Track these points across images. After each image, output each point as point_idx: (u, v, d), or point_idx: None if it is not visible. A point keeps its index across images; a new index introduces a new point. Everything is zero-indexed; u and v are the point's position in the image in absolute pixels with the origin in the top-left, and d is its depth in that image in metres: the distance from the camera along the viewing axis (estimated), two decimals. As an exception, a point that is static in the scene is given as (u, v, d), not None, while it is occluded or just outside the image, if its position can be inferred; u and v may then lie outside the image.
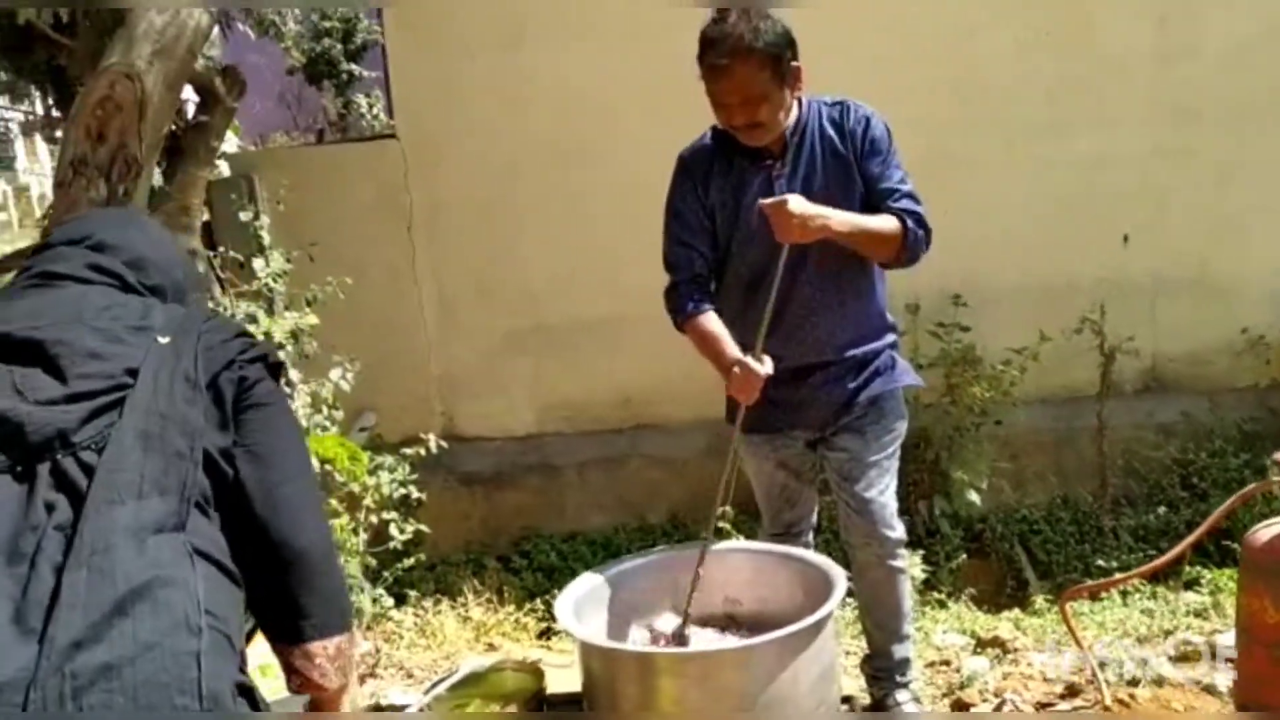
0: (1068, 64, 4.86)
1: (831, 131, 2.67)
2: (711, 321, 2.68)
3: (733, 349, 2.61)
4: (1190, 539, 3.03)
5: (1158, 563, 3.11)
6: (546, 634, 4.10)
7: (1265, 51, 4.84)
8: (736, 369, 2.53)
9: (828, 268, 2.65)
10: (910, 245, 2.64)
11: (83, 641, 1.18)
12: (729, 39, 2.47)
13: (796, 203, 2.48)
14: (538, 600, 4.36)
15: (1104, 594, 4.18)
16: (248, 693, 1.34)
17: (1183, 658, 3.30)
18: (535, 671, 2.64)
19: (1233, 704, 2.90)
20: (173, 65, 3.29)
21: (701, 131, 2.79)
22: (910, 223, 2.63)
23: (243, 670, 1.35)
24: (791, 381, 2.68)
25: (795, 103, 2.66)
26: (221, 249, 4.06)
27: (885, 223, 2.62)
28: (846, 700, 2.86)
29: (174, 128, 3.87)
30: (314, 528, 1.53)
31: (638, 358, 5.02)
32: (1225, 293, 5.03)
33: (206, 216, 4.60)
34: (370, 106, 12.22)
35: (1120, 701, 3.03)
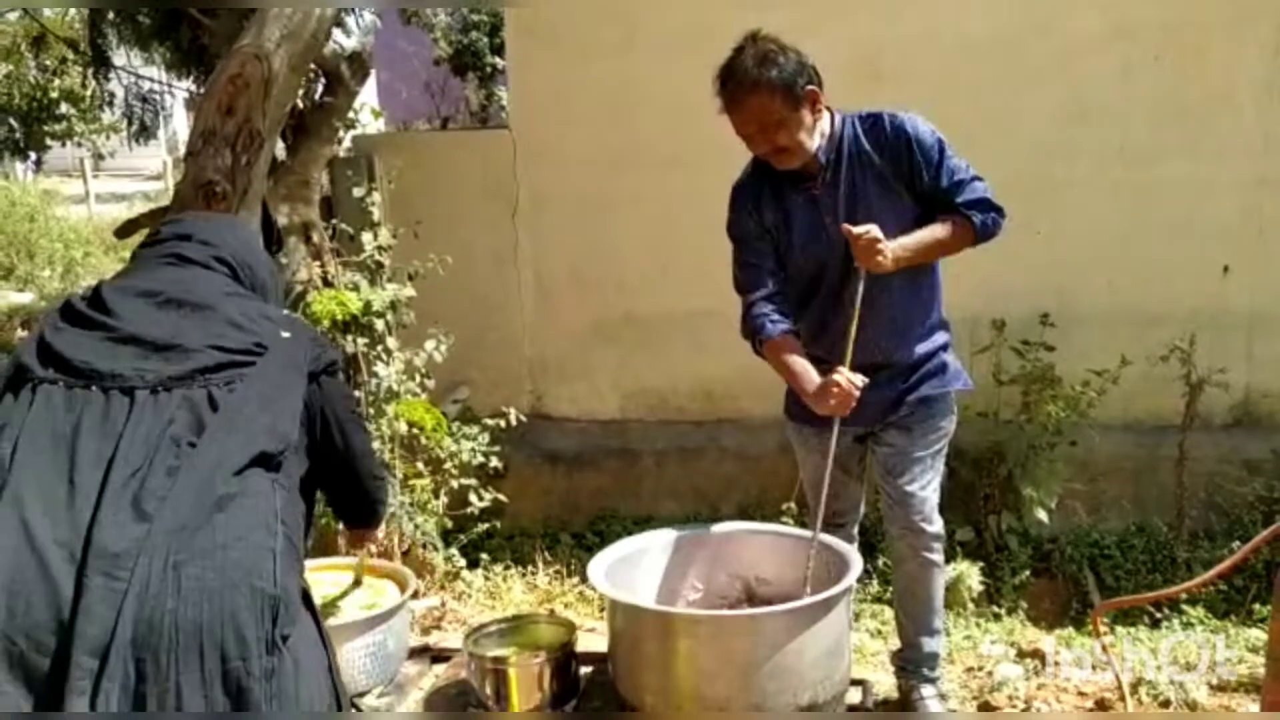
0: (1175, 90, 4.81)
1: (868, 145, 2.75)
2: (790, 347, 2.78)
3: (813, 375, 2.71)
4: (1234, 558, 3.06)
5: (1195, 581, 3.14)
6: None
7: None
8: (833, 386, 2.62)
9: (886, 276, 2.72)
10: (981, 233, 2.74)
11: (186, 527, 1.47)
12: (737, 73, 2.62)
13: (875, 232, 2.59)
14: (604, 577, 4.55)
15: (1166, 621, 4.18)
16: (306, 596, 1.68)
17: (1222, 687, 3.31)
18: (568, 626, 2.84)
19: (1258, 732, 2.91)
20: (298, 48, 3.60)
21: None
22: (976, 215, 2.72)
23: (303, 577, 1.69)
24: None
25: (826, 122, 2.75)
26: (335, 220, 4.37)
27: (948, 230, 2.71)
28: (859, 683, 2.98)
29: (301, 107, 4.20)
30: (371, 470, 2.00)
31: (721, 353, 5.13)
32: (1327, 330, 4.92)
33: (328, 192, 4.96)
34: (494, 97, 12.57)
35: (1145, 718, 3.07)
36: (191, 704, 1.41)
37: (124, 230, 3.99)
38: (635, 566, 2.71)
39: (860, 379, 2.64)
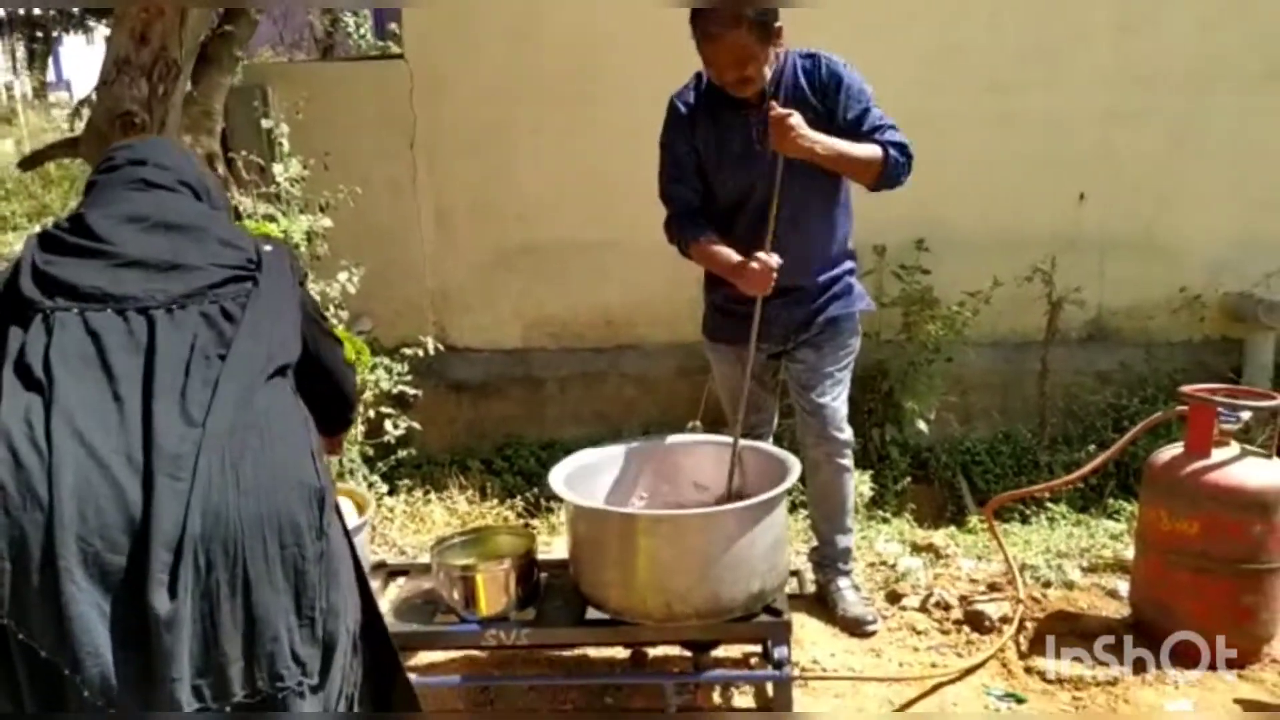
0: (1035, 28, 5.16)
1: (804, 82, 2.96)
2: (715, 241, 2.99)
3: (736, 255, 2.91)
4: (1098, 460, 3.46)
5: (1069, 478, 3.55)
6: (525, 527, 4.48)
7: (1222, 24, 5.17)
8: (753, 263, 2.83)
9: (800, 197, 2.94)
10: (892, 168, 2.93)
11: (235, 428, 1.59)
12: (720, 9, 2.74)
13: (797, 120, 2.77)
14: (517, 498, 4.73)
15: (1034, 518, 4.62)
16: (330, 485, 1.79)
17: (1092, 568, 3.73)
18: (528, 535, 3.01)
19: (1129, 603, 3.32)
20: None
21: (688, 74, 3.06)
22: (893, 150, 2.92)
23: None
24: (761, 301, 2.98)
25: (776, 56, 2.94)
26: (244, 153, 4.32)
27: (867, 150, 2.90)
28: (794, 574, 3.27)
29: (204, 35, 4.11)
30: (346, 373, 2.12)
31: (620, 281, 5.36)
32: (1168, 253, 5.41)
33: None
34: (358, 26, 12.21)
35: (1033, 598, 3.46)
36: (258, 587, 1.54)
37: (28, 163, 3.86)
38: (587, 478, 2.89)
39: (776, 259, 2.83)
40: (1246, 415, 3.03)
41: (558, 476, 2.75)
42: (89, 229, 1.78)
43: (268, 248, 1.86)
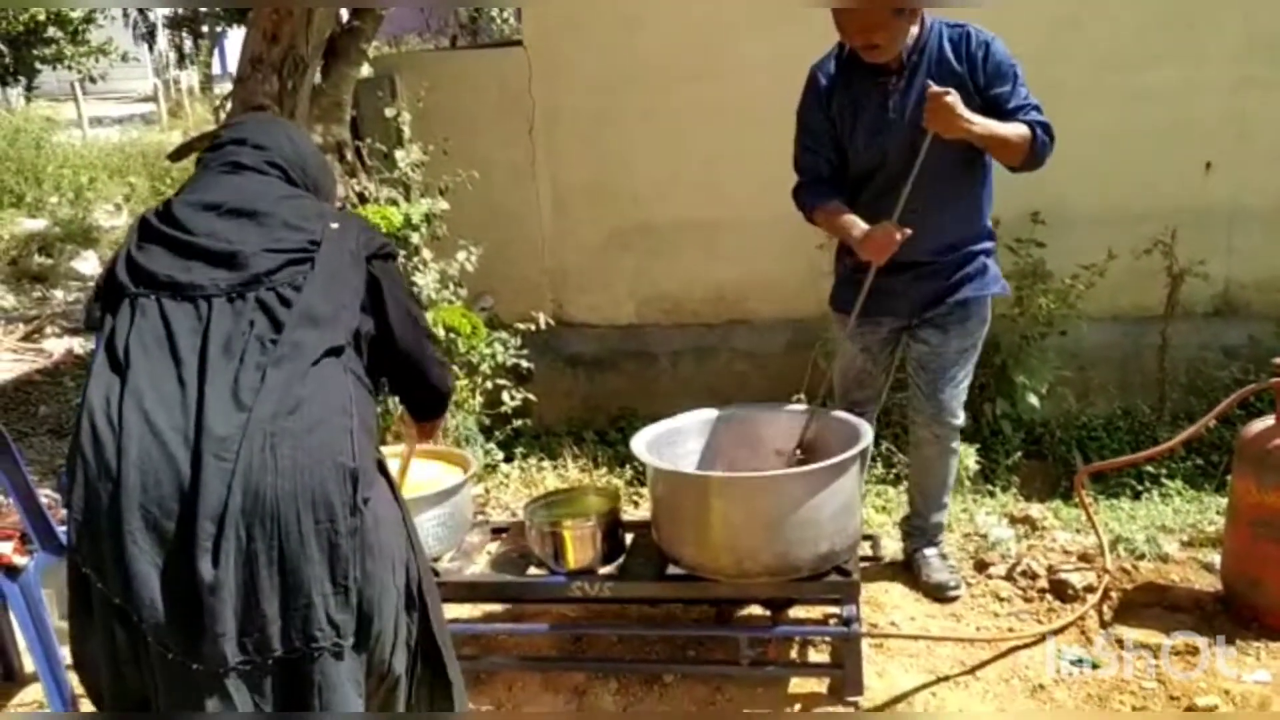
0: (1161, -2, 5.03)
1: (950, 54, 2.96)
2: (839, 206, 3.05)
3: (860, 223, 2.96)
4: (1188, 432, 3.43)
5: (1157, 449, 3.53)
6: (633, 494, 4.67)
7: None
8: (877, 231, 2.88)
9: (942, 172, 2.93)
10: (1038, 150, 2.97)
11: (278, 413, 1.75)
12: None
13: (955, 98, 2.78)
14: (626, 467, 4.92)
15: (1146, 493, 4.55)
16: (380, 466, 1.94)
17: (1191, 543, 3.69)
18: (614, 495, 3.20)
19: (1220, 576, 3.29)
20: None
21: (804, 53, 3.13)
22: (1039, 131, 2.94)
23: (377, 449, 1.96)
24: (890, 273, 3.02)
25: (917, 25, 2.94)
26: (368, 140, 4.63)
27: (1017, 129, 2.92)
28: (869, 538, 3.37)
29: (331, 31, 4.42)
30: (430, 361, 2.18)
31: (731, 258, 5.47)
32: (1305, 222, 5.20)
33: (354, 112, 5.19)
34: (501, 11, 12.49)
35: (1123, 569, 3.46)
36: (294, 557, 1.70)
37: (178, 154, 4.25)
38: (672, 444, 3.05)
39: (902, 230, 2.86)
40: (1341, 387, 2.97)
41: (640, 442, 2.93)
42: (173, 216, 1.95)
43: (334, 225, 1.97)
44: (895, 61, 2.95)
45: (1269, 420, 3.08)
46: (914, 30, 2.93)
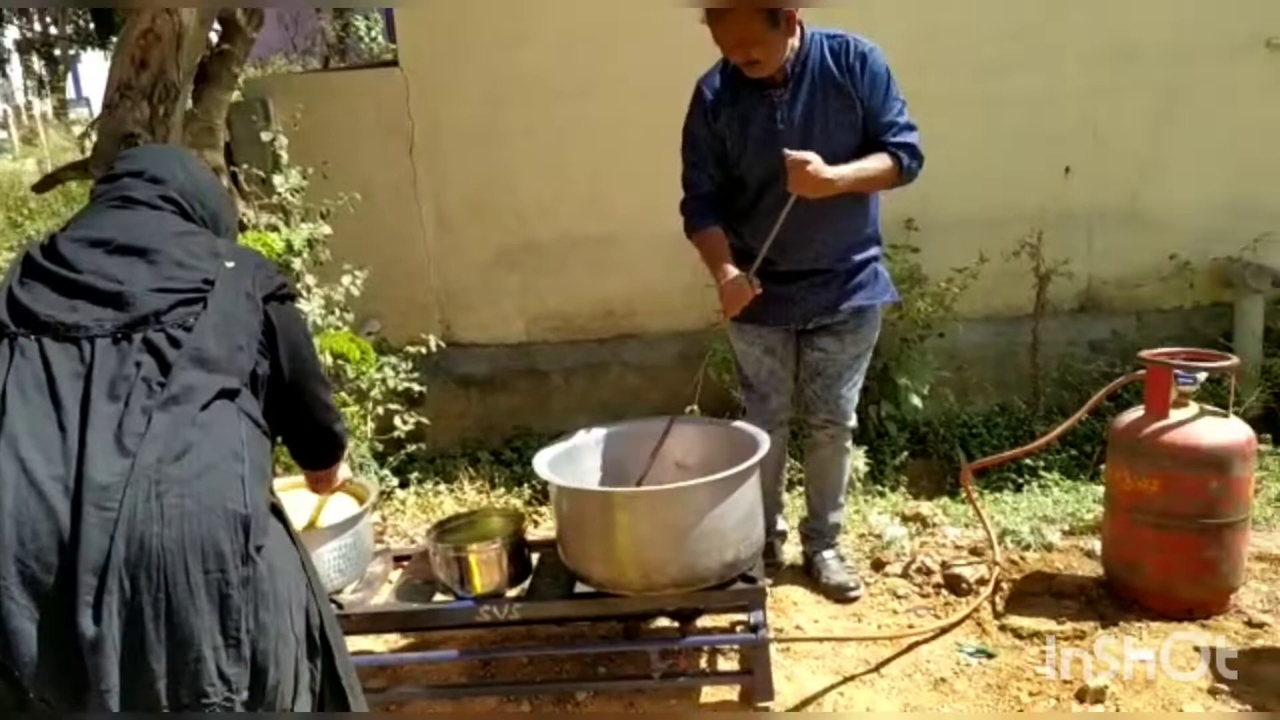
0: (1016, 8, 5.25)
1: (831, 64, 3.03)
2: (716, 238, 3.10)
3: (730, 265, 3.02)
4: (1064, 427, 3.59)
5: (1034, 444, 3.70)
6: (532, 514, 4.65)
7: (1200, -3, 5.26)
8: (731, 285, 2.95)
9: None
10: (905, 176, 3.07)
11: (164, 459, 1.67)
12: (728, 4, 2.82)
13: (816, 164, 2.84)
14: (524, 487, 4.91)
15: (1027, 486, 4.74)
16: (275, 508, 1.88)
17: (1073, 531, 3.86)
18: (517, 516, 3.19)
19: (1101, 562, 3.45)
20: (205, 1, 3.74)
21: (689, 67, 3.15)
22: (904, 157, 3.02)
23: (271, 492, 1.88)
24: (786, 281, 3.11)
25: (796, 36, 3.00)
26: (245, 165, 4.52)
27: (881, 165, 2.99)
28: (770, 545, 3.43)
29: (202, 55, 4.30)
30: (328, 400, 2.15)
31: (619, 273, 5.51)
32: (1156, 222, 5.49)
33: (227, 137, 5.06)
34: (369, 29, 12.34)
35: (1011, 560, 3.60)
36: (181, 611, 1.62)
37: (42, 185, 4.08)
38: (573, 461, 3.06)
39: (756, 286, 2.95)
40: (1202, 376, 3.15)
41: (542, 461, 2.92)
42: (58, 252, 1.86)
43: (230, 264, 1.91)
44: (779, 74, 3.01)
45: (1138, 411, 3.25)
46: (793, 43, 3.00)
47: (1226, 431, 3.10)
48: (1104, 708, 2.76)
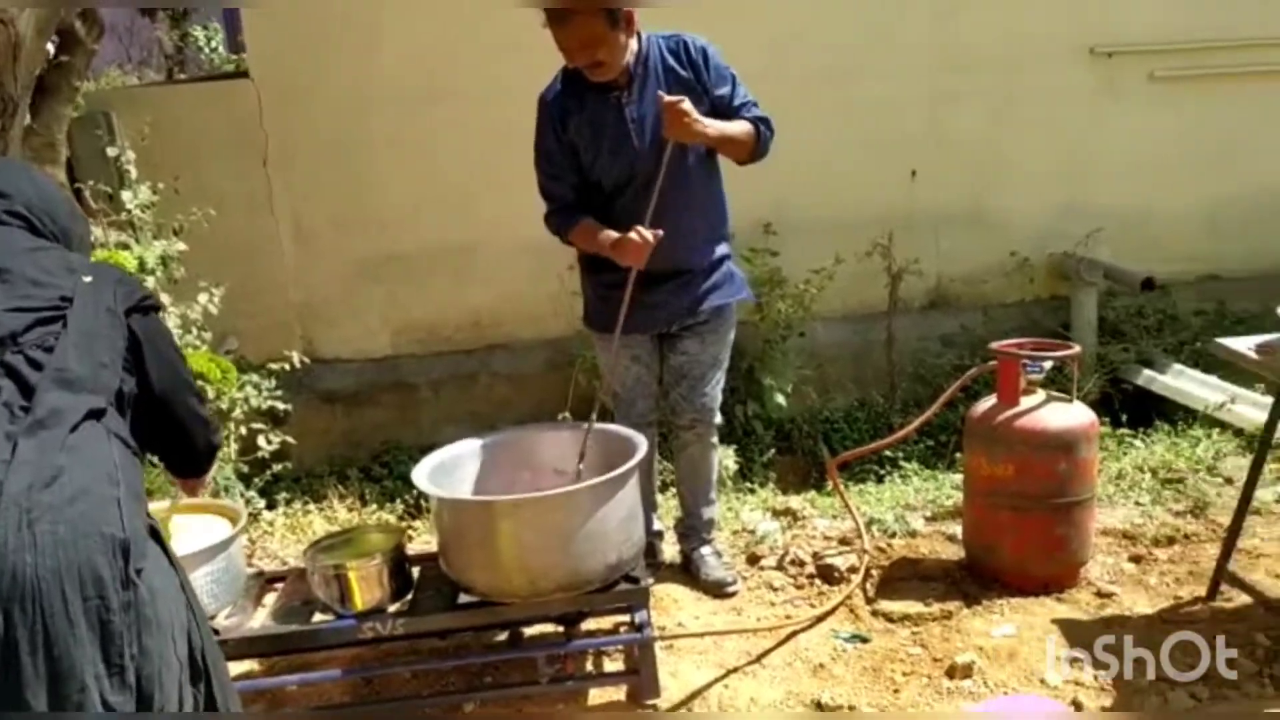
0: (862, 17, 5.47)
1: (672, 62, 3.13)
2: (591, 222, 3.14)
3: (611, 232, 3.06)
4: (922, 418, 3.76)
5: (895, 437, 3.86)
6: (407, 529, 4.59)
7: (1029, 7, 5.57)
8: (632, 235, 2.96)
9: (684, 180, 3.10)
10: (763, 142, 3.18)
11: (34, 486, 1.60)
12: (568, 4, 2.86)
13: (689, 105, 2.93)
14: (397, 502, 4.84)
15: (888, 477, 4.93)
16: (153, 531, 1.81)
17: (935, 517, 4.04)
18: (397, 530, 3.15)
19: (963, 545, 3.63)
20: (43, 12, 3.58)
21: (550, 73, 3.18)
22: (762, 127, 3.16)
23: (148, 515, 1.82)
24: (647, 287, 3.14)
25: (634, 39, 3.08)
26: (91, 182, 4.33)
27: (743, 127, 3.12)
28: (651, 544, 3.49)
29: (40, 68, 4.11)
30: (199, 408, 2.09)
31: (484, 283, 5.50)
32: (997, 222, 5.81)
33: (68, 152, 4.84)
34: (209, 40, 11.95)
35: (879, 548, 3.74)
36: (60, 641, 1.56)
37: None
38: (451, 472, 3.04)
39: (653, 233, 2.98)
40: (1048, 365, 3.35)
41: (420, 472, 2.90)
42: None
43: (87, 279, 1.85)
44: (623, 76, 3.08)
45: (991, 400, 3.43)
46: (633, 44, 3.08)
47: (1072, 416, 3.30)
48: (971, 682, 2.90)
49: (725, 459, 4.84)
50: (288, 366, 4.61)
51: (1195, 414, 5.03)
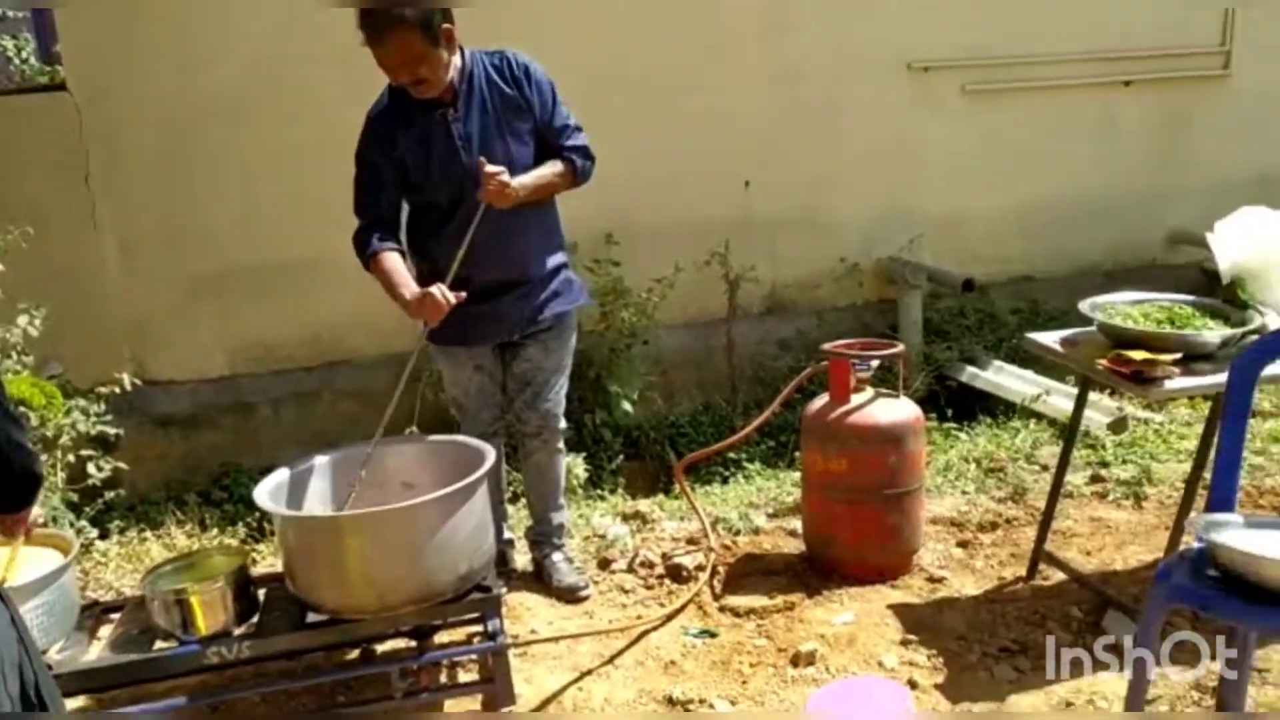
0: (691, 32, 5.62)
1: (496, 78, 3.17)
2: (393, 260, 3.13)
3: (411, 285, 3.07)
4: (759, 419, 3.91)
5: (735, 438, 4.00)
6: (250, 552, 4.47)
7: (851, 24, 5.83)
8: (433, 291, 2.97)
9: None
10: (580, 177, 3.27)
11: None
12: (380, 10, 2.87)
13: (505, 175, 3.00)
14: (239, 525, 4.71)
15: (733, 478, 5.08)
16: None
17: (776, 514, 4.19)
18: (241, 552, 3.09)
19: (803, 539, 3.78)
20: None
21: (380, 84, 3.16)
22: (578, 159, 3.23)
23: None
24: (490, 298, 3.19)
25: (458, 56, 3.11)
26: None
27: (556, 169, 3.20)
28: (502, 552, 3.51)
29: None
30: (17, 442, 1.98)
31: (325, 298, 5.39)
32: (827, 228, 6.04)
33: None
34: (19, 50, 11.33)
35: (724, 546, 3.86)
36: None
37: None
38: (295, 491, 3.00)
39: (453, 295, 3.01)
40: (875, 364, 3.54)
41: (262, 492, 2.86)
42: None
43: None
44: (447, 93, 3.11)
45: (824, 399, 3.59)
46: (456, 61, 3.11)
47: (899, 411, 3.49)
48: (815, 668, 3.04)
49: (575, 467, 4.90)
50: (117, 390, 4.43)
51: (1014, 407, 5.36)
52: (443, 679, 3.09)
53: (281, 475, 3.02)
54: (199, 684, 3.03)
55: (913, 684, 2.97)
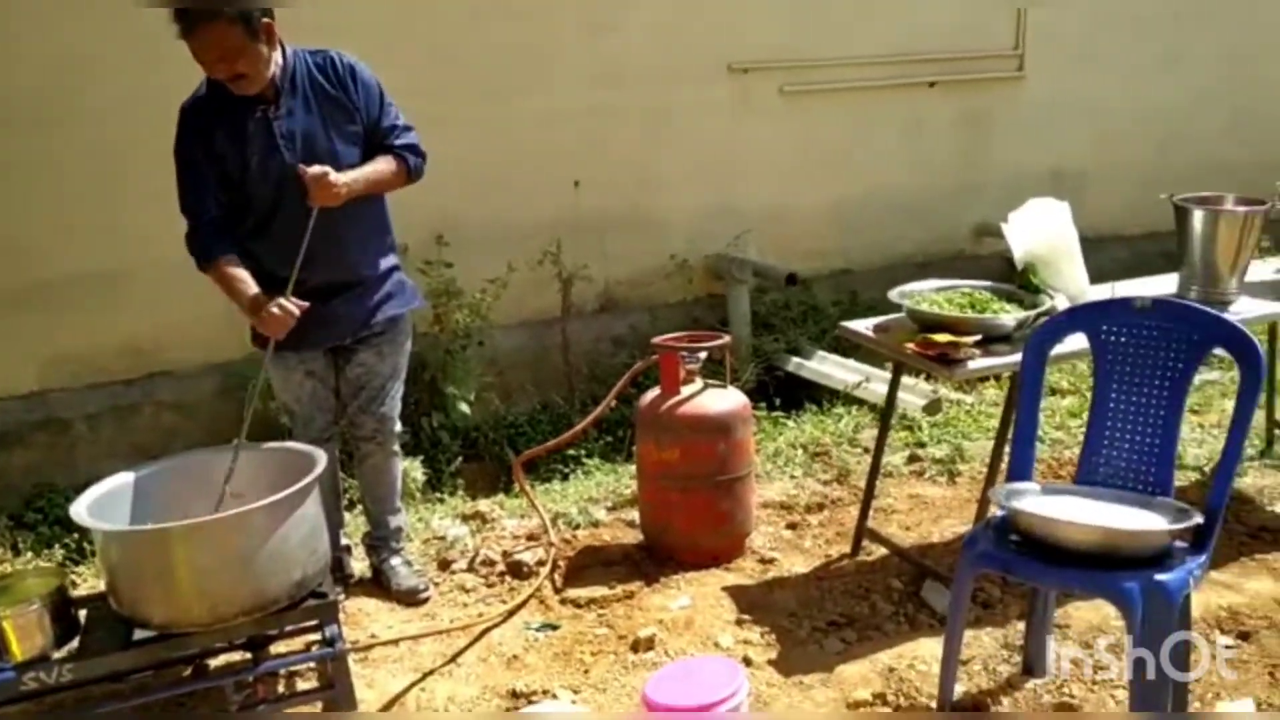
0: (514, 33, 5.64)
1: (320, 77, 3.11)
2: (233, 264, 3.04)
3: (254, 289, 3.00)
4: (594, 414, 3.99)
5: (569, 434, 4.06)
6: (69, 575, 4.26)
7: (675, 27, 5.98)
8: (274, 309, 2.92)
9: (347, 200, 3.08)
10: (412, 174, 3.24)
11: None
12: (196, 4, 2.78)
13: (332, 174, 2.94)
14: (55, 548, 4.49)
15: (573, 474, 5.13)
16: None
17: (615, 506, 4.27)
18: (57, 573, 2.96)
19: (640, 528, 3.87)
20: None
21: (194, 83, 3.08)
22: (410, 157, 3.21)
23: None
24: (322, 300, 3.13)
25: (279, 52, 3.04)
26: None
27: (389, 166, 3.16)
28: (339, 558, 3.47)
29: None
30: None
31: (142, 308, 5.19)
32: (656, 227, 6.17)
33: None
34: None
35: (565, 540, 3.91)
36: None
37: None
38: (117, 505, 2.89)
39: (296, 305, 2.99)
40: (703, 355, 3.66)
41: (80, 507, 2.74)
42: None
43: None
44: (269, 90, 3.04)
45: (656, 391, 3.69)
46: (277, 58, 3.04)
47: (727, 400, 3.62)
48: (654, 653, 3.12)
49: (413, 470, 4.87)
50: (-87, 411, 4.15)
51: (838, 394, 5.61)
52: (280, 689, 3.04)
53: (101, 489, 2.90)
54: (18, 713, 2.88)
55: (748, 661, 3.09)
